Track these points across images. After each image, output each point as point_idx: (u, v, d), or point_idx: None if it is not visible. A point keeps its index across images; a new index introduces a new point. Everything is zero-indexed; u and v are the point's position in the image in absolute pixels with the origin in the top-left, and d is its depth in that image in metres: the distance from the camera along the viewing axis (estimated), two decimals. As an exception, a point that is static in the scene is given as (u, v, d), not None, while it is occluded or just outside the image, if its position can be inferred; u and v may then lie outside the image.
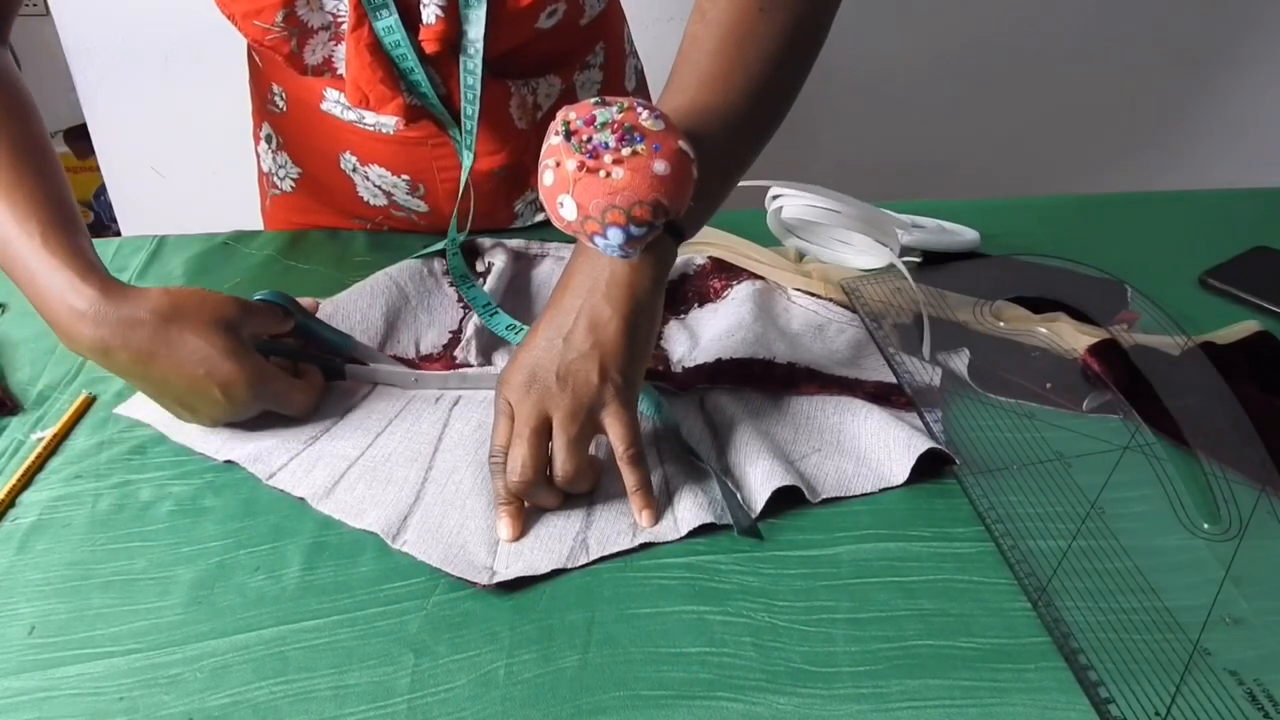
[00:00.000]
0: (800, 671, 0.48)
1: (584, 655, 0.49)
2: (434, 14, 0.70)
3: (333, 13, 0.70)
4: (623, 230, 0.54)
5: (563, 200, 0.54)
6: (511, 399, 0.57)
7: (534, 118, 0.81)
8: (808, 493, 0.57)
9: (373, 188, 0.85)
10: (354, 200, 0.87)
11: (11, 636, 0.51)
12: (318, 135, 0.83)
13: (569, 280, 0.58)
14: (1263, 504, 0.57)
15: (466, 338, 0.71)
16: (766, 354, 0.68)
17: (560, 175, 0.54)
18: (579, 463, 0.56)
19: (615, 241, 0.54)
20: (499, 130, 0.80)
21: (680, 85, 0.61)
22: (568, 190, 0.54)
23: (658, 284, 0.58)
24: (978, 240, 0.81)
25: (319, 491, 0.59)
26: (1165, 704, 0.46)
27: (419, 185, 0.83)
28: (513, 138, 0.81)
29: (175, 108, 1.58)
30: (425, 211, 0.86)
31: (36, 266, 0.58)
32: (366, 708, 0.47)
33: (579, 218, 0.54)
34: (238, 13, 0.69)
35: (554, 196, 0.55)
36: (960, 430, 0.63)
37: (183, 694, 0.48)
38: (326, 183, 0.87)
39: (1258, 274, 0.78)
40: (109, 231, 2.32)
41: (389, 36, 0.70)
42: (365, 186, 0.85)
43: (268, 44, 0.70)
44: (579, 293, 0.57)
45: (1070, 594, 0.51)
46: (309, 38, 0.71)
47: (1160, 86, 1.80)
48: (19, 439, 0.64)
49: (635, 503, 0.57)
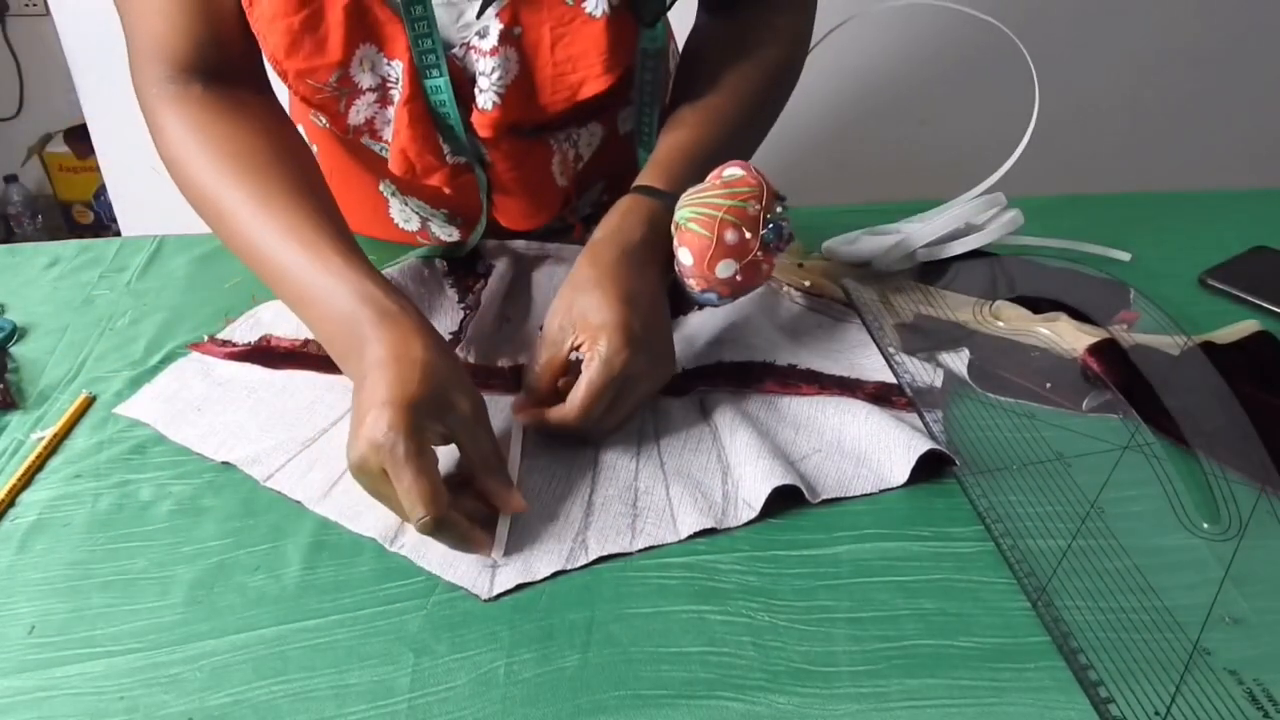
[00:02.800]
0: (800, 671, 0.48)
1: (584, 655, 0.49)
2: (490, 100, 0.69)
3: (384, 76, 0.69)
4: (729, 300, 0.64)
5: (729, 264, 0.61)
6: (626, 359, 0.59)
7: (574, 170, 0.80)
8: (807, 493, 0.57)
9: (409, 212, 0.85)
10: (382, 222, 0.87)
11: (11, 636, 0.51)
12: (356, 159, 0.83)
13: (635, 255, 0.63)
14: (1262, 504, 0.57)
15: (467, 338, 0.71)
16: (766, 356, 0.68)
17: (740, 247, 0.61)
18: None
19: (718, 303, 0.64)
20: (541, 193, 0.79)
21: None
22: (739, 261, 0.61)
23: None
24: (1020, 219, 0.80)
25: (316, 493, 0.59)
26: (1165, 703, 0.46)
27: (458, 216, 0.83)
28: (553, 198, 0.80)
29: (175, 108, 1.58)
30: (456, 240, 0.86)
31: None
32: (366, 707, 0.47)
33: (726, 279, 0.61)
34: (290, 70, 0.66)
35: (724, 257, 0.61)
36: (960, 430, 0.63)
37: (182, 693, 0.48)
38: (360, 202, 0.85)
39: (1257, 274, 0.78)
40: (109, 231, 2.32)
41: (436, 96, 0.69)
42: (401, 210, 0.85)
43: (315, 102, 0.69)
44: (643, 274, 0.63)
45: (1070, 593, 0.51)
46: (356, 98, 0.69)
47: (1160, 86, 1.79)
48: (19, 439, 0.64)
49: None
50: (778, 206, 0.62)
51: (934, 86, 1.74)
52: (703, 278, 0.61)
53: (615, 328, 0.59)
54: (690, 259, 0.61)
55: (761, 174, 0.62)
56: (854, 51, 1.59)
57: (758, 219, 0.60)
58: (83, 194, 2.36)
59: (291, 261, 0.60)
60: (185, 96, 0.67)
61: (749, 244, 0.60)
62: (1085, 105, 1.74)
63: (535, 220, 0.81)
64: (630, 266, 0.62)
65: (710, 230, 0.60)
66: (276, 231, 0.61)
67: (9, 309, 0.78)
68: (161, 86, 0.67)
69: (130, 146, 1.64)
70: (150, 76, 0.67)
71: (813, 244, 0.82)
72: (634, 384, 0.60)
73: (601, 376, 0.58)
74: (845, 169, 1.69)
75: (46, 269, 0.84)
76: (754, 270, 0.62)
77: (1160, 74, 1.78)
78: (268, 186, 0.63)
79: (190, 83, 0.67)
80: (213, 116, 0.66)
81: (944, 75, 1.73)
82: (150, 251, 0.85)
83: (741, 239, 0.60)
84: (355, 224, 0.87)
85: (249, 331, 0.73)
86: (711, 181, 0.63)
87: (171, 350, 0.72)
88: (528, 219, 0.80)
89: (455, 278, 0.77)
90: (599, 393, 0.59)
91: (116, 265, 0.84)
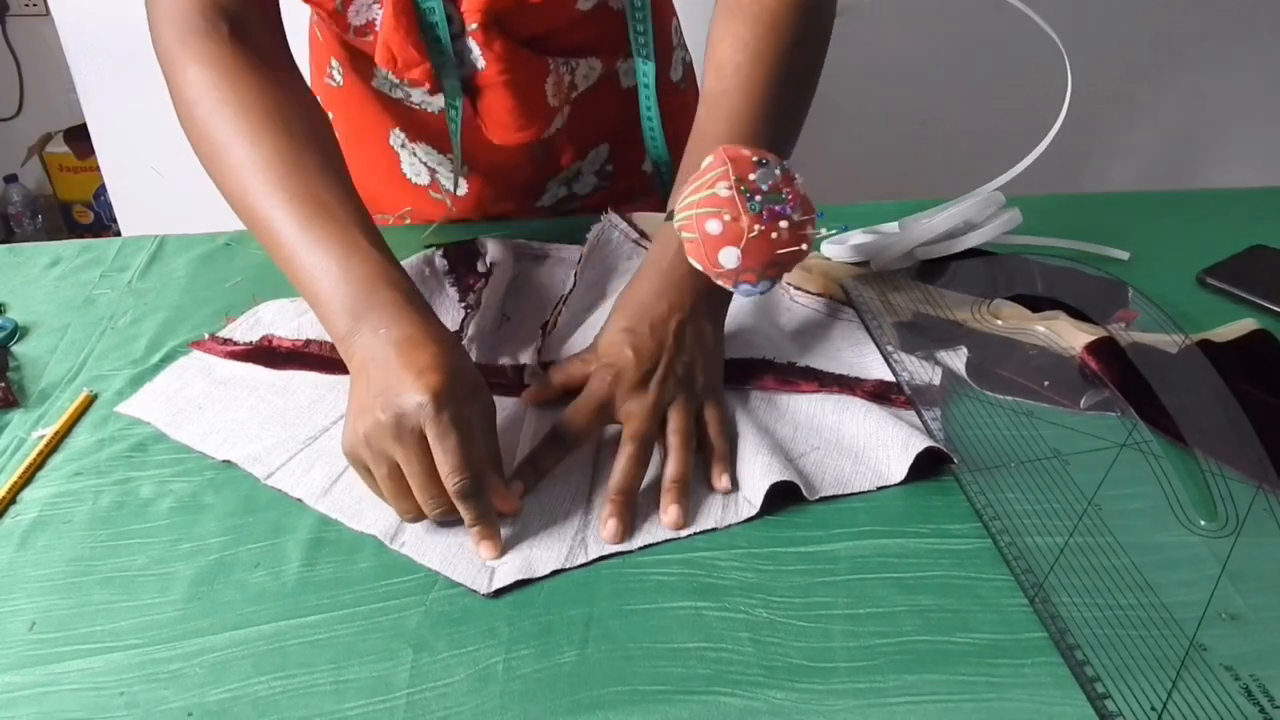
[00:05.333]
0: (798, 667, 0.48)
1: (582, 651, 0.49)
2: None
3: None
4: (773, 282, 0.59)
5: (730, 251, 0.58)
6: (624, 397, 0.61)
7: (568, 96, 0.81)
8: (805, 490, 0.57)
9: (418, 164, 0.87)
10: (395, 181, 0.89)
11: (12, 632, 0.51)
12: (369, 109, 0.85)
13: (658, 285, 0.64)
14: (1259, 501, 0.57)
15: (468, 337, 0.71)
16: (766, 353, 0.68)
17: (732, 230, 0.57)
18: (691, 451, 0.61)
19: (762, 289, 0.59)
20: (531, 106, 0.79)
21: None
22: (738, 244, 0.57)
23: None
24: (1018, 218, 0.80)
25: (316, 491, 0.59)
26: (1162, 699, 0.46)
27: (464, 165, 0.85)
28: (543, 114, 0.81)
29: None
30: (465, 194, 0.88)
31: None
32: (365, 702, 0.47)
33: (739, 268, 0.58)
34: None
35: (720, 247, 0.58)
36: (958, 428, 0.63)
37: (183, 689, 0.48)
38: (371, 162, 0.88)
39: (1255, 273, 0.78)
40: (109, 231, 2.33)
41: (425, 3, 0.71)
42: (411, 163, 0.87)
43: (320, 3, 0.70)
44: (675, 297, 0.63)
45: (1067, 590, 0.51)
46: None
47: (1160, 86, 1.80)
48: (20, 437, 0.64)
49: (716, 468, 0.60)
50: (757, 170, 0.58)
51: (934, 86, 1.74)
52: (719, 275, 0.60)
53: (608, 361, 0.62)
54: (699, 265, 0.60)
55: (730, 149, 0.60)
56: (854, 51, 1.59)
57: (733, 197, 0.58)
58: (83, 194, 2.36)
59: (316, 234, 0.59)
60: (212, 39, 0.65)
61: (737, 224, 0.58)
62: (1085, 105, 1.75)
63: (522, 133, 0.80)
64: (648, 295, 0.64)
65: (694, 230, 0.59)
66: (301, 199, 0.60)
67: (10, 308, 0.78)
68: (187, 23, 0.65)
69: (130, 146, 1.65)
70: (172, 17, 0.66)
71: (813, 244, 0.82)
72: (623, 407, 0.61)
73: (583, 399, 0.61)
74: (845, 169, 1.69)
75: (48, 269, 0.84)
76: (764, 245, 0.58)
77: (1160, 74, 1.78)
78: (297, 154, 0.62)
79: (218, 24, 0.65)
80: (241, 69, 0.64)
81: (944, 75, 1.73)
82: (151, 251, 0.86)
83: (726, 224, 0.58)
84: (370, 185, 0.88)
85: (249, 330, 0.73)
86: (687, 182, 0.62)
87: (172, 349, 0.72)
88: (516, 129, 0.80)
89: (456, 276, 0.77)
90: (578, 410, 0.61)
91: (117, 265, 0.84)
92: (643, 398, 0.61)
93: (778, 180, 0.59)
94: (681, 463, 0.59)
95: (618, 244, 0.79)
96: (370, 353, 0.56)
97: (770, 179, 0.58)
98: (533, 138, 0.81)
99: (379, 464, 0.54)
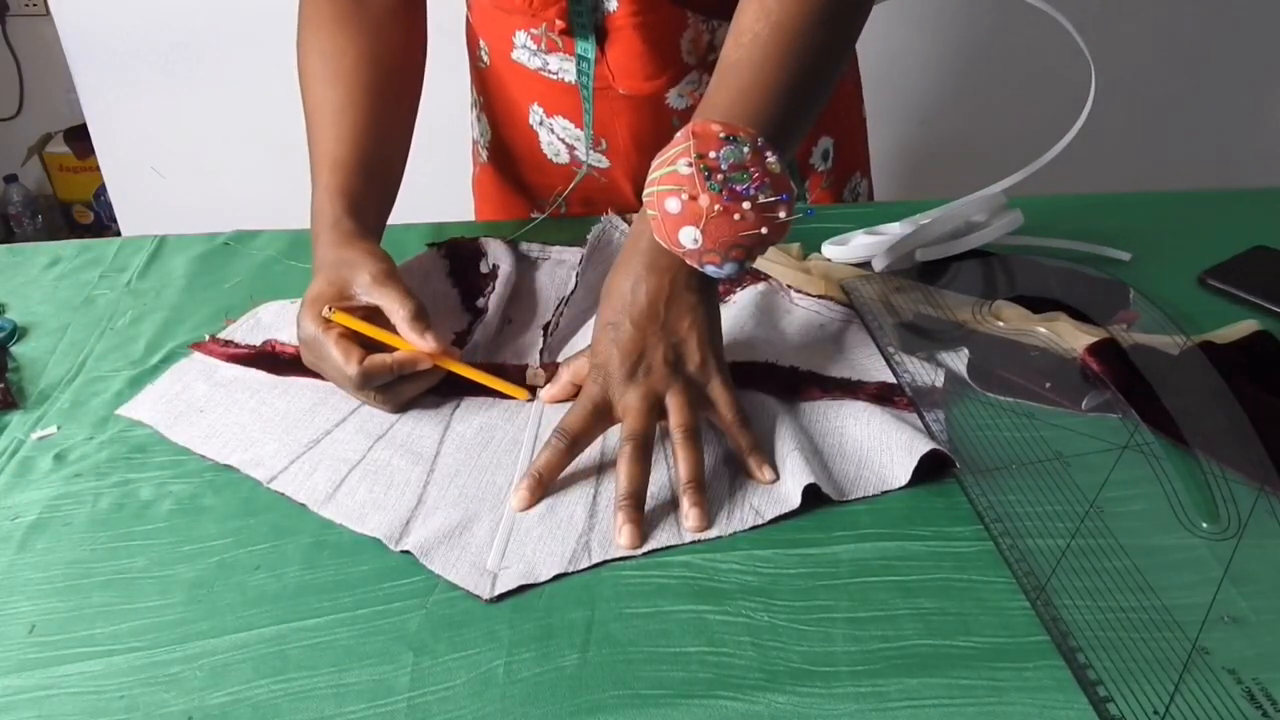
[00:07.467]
0: (799, 670, 0.48)
1: (583, 654, 0.49)
2: None
3: None
4: (739, 264, 0.57)
5: (688, 231, 0.56)
6: (617, 394, 0.60)
7: (704, 56, 0.80)
8: (833, 493, 0.57)
9: (556, 141, 0.87)
10: (538, 162, 0.90)
11: (12, 635, 0.51)
12: (511, 86, 0.87)
13: (633, 271, 0.61)
14: (1261, 503, 0.57)
15: (473, 342, 0.71)
16: (768, 356, 0.68)
17: (691, 209, 0.56)
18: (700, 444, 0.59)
19: (728, 272, 0.58)
20: (662, 54, 0.79)
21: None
22: (698, 224, 0.56)
23: None
24: (1019, 219, 0.80)
25: (320, 496, 0.59)
26: (1164, 703, 0.46)
27: (601, 140, 0.84)
28: (674, 65, 0.80)
29: (175, 108, 1.58)
30: (607, 167, 0.87)
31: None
32: (366, 706, 0.47)
33: (700, 248, 0.56)
34: None
35: (679, 226, 0.56)
36: (959, 429, 0.63)
37: (182, 692, 0.48)
38: (514, 142, 0.90)
39: (1257, 274, 0.78)
40: (109, 231, 2.33)
41: None
42: (549, 141, 0.88)
43: None
44: (651, 280, 0.60)
45: (1069, 593, 0.51)
46: None
47: (1160, 86, 1.79)
48: (19, 438, 0.64)
49: (753, 461, 0.59)
50: (723, 148, 0.56)
51: (935, 86, 1.74)
52: (685, 255, 0.58)
53: (597, 362, 0.62)
54: (664, 243, 0.58)
55: (699, 124, 0.57)
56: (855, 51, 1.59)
57: (692, 175, 0.56)
58: (83, 194, 2.36)
59: (318, 175, 0.71)
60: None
61: (696, 203, 0.55)
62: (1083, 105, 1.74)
63: (649, 82, 0.80)
64: (625, 283, 0.61)
65: (655, 209, 0.57)
66: (317, 152, 0.72)
67: (9, 309, 0.78)
68: None
69: (130, 146, 1.65)
70: None
71: (813, 244, 0.82)
72: (619, 405, 0.61)
73: (579, 404, 0.61)
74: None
75: (47, 269, 0.84)
76: (724, 225, 0.55)
77: (1160, 74, 1.78)
78: (347, 104, 0.72)
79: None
80: (357, 22, 0.74)
81: (945, 75, 1.73)
82: (150, 251, 0.86)
83: (685, 202, 0.56)
84: (519, 174, 0.94)
85: (249, 332, 0.73)
86: None
87: (172, 350, 0.72)
88: (643, 78, 0.79)
89: (457, 277, 0.77)
90: (575, 415, 0.61)
91: (117, 265, 0.84)
92: (633, 392, 0.60)
93: (744, 158, 0.56)
94: (690, 462, 0.58)
95: (619, 245, 0.79)
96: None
97: (736, 157, 0.56)
98: (661, 89, 0.80)
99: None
